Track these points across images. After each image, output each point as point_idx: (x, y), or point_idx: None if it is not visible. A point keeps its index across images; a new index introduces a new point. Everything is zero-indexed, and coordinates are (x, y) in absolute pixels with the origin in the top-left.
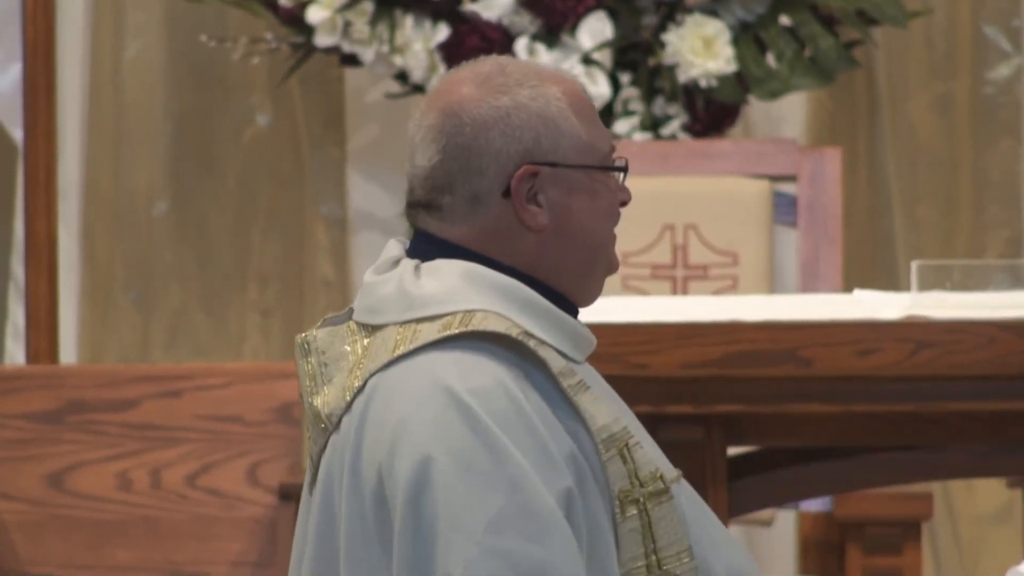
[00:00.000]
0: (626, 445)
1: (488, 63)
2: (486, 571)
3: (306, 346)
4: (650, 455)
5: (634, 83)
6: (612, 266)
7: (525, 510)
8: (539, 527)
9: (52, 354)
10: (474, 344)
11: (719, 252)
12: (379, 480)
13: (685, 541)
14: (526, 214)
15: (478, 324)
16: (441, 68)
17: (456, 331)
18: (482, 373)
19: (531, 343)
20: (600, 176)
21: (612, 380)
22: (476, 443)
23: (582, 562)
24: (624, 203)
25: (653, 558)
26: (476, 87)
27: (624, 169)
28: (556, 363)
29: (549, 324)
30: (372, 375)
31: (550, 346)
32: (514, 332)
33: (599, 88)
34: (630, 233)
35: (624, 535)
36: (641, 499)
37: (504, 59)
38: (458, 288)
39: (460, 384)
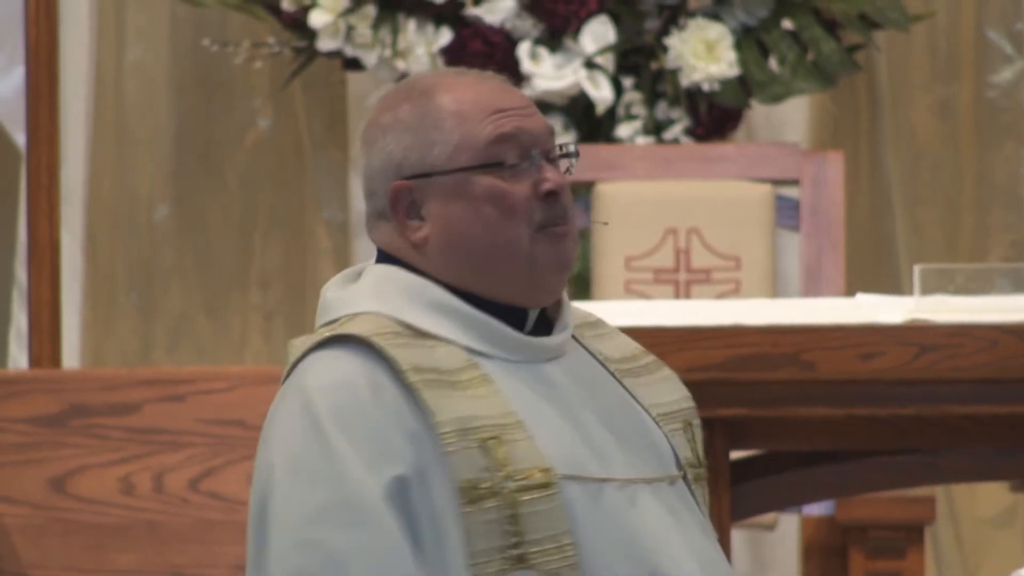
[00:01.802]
0: (494, 438)
1: (409, 79)
2: (296, 563)
3: None
4: (545, 450)
5: (637, 87)
6: (534, 260)
7: (344, 501)
8: (356, 516)
9: (55, 358)
10: (345, 345)
11: (722, 256)
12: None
13: (564, 537)
14: (407, 231)
15: (347, 327)
16: None
17: (327, 335)
18: (335, 371)
19: (388, 343)
20: (476, 177)
21: None
22: (310, 442)
23: (406, 546)
24: (543, 191)
25: (515, 552)
26: (376, 107)
27: (497, 164)
28: (408, 361)
29: (455, 323)
30: (284, 378)
31: (452, 342)
32: (379, 332)
33: (602, 92)
34: (633, 237)
35: (476, 525)
36: (504, 491)
37: (431, 73)
38: (363, 292)
39: (314, 383)
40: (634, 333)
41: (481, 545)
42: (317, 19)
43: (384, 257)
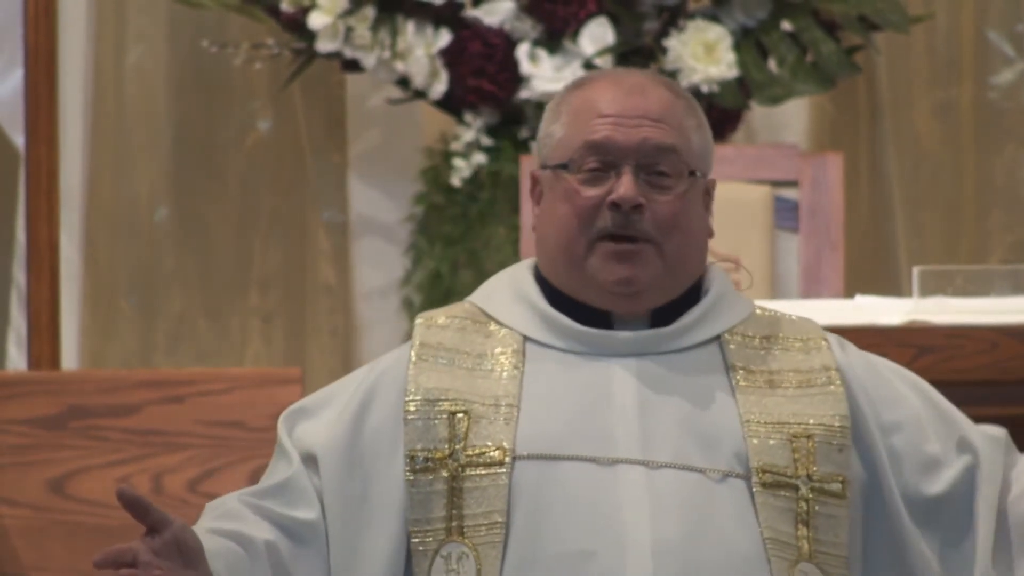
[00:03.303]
0: (464, 412)
1: None
2: None
3: None
4: (524, 431)
5: None
6: (589, 269)
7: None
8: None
9: (54, 360)
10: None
11: (720, 257)
12: None
13: (497, 515)
14: (533, 218)
15: (435, 309)
16: (443, 74)
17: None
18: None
19: (434, 324)
20: (564, 176)
21: None
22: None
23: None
24: (609, 201)
25: (452, 524)
26: None
27: (563, 166)
28: (429, 340)
29: (526, 313)
30: None
31: (513, 329)
32: (447, 315)
33: None
34: None
35: (418, 495)
36: (451, 465)
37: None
38: (491, 281)
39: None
40: None
41: (419, 514)
42: (316, 20)
43: None
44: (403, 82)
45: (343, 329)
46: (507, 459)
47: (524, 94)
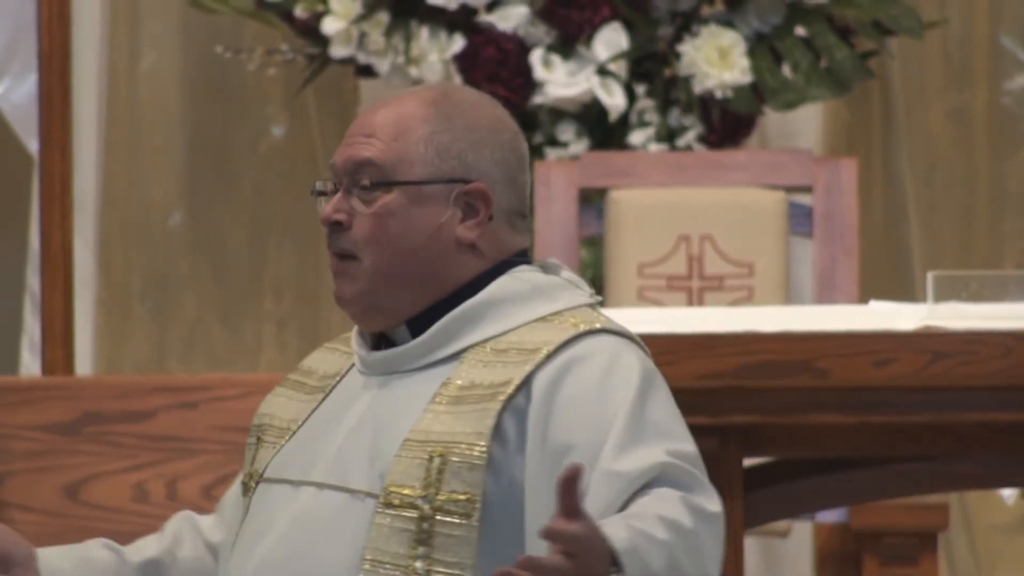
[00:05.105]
0: (259, 439)
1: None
2: None
3: None
4: (282, 454)
5: (649, 94)
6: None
7: None
8: None
9: (68, 365)
10: None
11: (735, 263)
12: None
13: (233, 535)
14: None
15: None
16: (456, 79)
17: None
18: None
19: (323, 347)
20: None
21: None
22: None
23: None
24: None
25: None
26: None
27: (319, 192)
28: (306, 363)
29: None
30: None
31: (349, 353)
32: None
33: (614, 99)
34: (646, 244)
35: (242, 511)
36: (249, 484)
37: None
38: None
39: None
40: (647, 340)
41: (235, 527)
42: (330, 26)
43: None
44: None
45: None
46: (252, 482)
47: (538, 100)
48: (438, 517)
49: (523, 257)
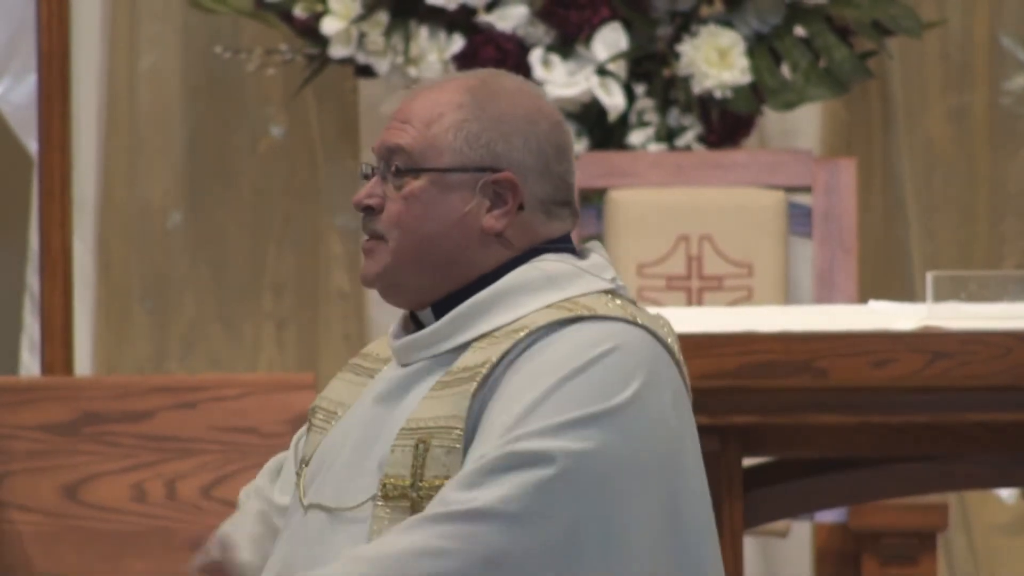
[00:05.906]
0: (311, 423)
1: None
2: None
3: None
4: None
5: (649, 94)
6: None
7: None
8: None
9: (67, 365)
10: None
11: (734, 263)
12: None
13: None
14: None
15: None
16: None
17: None
18: None
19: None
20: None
21: None
22: None
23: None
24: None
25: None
26: None
27: (365, 176)
28: (366, 348)
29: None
30: None
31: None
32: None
33: (614, 99)
34: (645, 244)
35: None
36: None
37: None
38: None
39: None
40: None
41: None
42: (329, 26)
43: None
44: None
45: (356, 334)
46: (303, 468)
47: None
48: (424, 504)
49: (560, 244)
